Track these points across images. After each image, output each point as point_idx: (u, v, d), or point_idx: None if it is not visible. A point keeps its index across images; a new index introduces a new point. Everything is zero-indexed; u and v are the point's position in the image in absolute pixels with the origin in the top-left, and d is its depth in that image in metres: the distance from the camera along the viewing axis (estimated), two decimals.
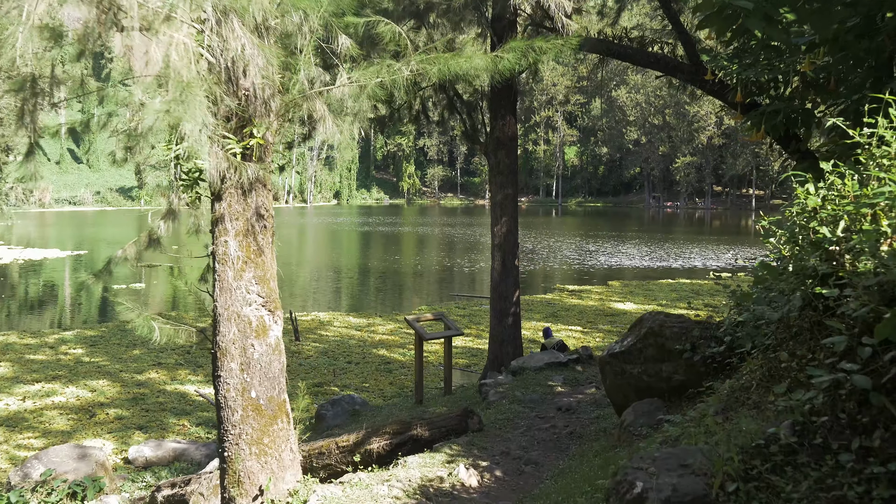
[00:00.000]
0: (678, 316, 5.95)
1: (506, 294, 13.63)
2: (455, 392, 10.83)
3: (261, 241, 4.95)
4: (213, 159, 4.53)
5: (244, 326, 4.84)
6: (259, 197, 4.94)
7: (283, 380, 5.31)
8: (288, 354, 19.56)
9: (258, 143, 4.74)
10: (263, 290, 4.95)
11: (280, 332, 5.14)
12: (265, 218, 5.00)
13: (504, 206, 13.44)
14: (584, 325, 23.00)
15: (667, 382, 5.71)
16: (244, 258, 4.85)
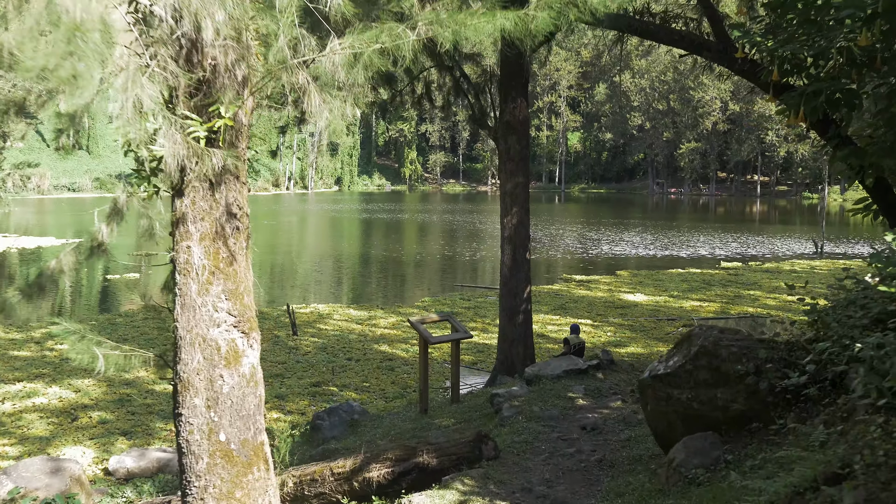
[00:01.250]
0: (734, 331, 5.02)
1: (516, 290, 12.69)
2: (463, 401, 9.92)
3: (232, 247, 3.99)
4: (171, 144, 3.60)
5: (211, 353, 3.90)
6: (230, 192, 3.99)
7: (261, 417, 4.35)
8: (285, 350, 18.75)
9: (226, 124, 3.79)
10: (235, 306, 4.00)
11: (256, 359, 4.18)
12: (238, 217, 4.05)
13: (515, 196, 12.48)
14: (594, 317, 22.09)
15: (722, 412, 4.79)
16: (211, 268, 3.91)
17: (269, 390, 15.11)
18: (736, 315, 22.54)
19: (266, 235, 51.22)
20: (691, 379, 4.90)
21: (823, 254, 39.66)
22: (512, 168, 12.35)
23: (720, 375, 4.81)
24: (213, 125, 3.76)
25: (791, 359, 4.73)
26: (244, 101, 3.91)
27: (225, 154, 3.80)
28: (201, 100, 3.85)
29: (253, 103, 4.10)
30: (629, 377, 9.34)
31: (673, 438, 5.03)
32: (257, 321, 4.18)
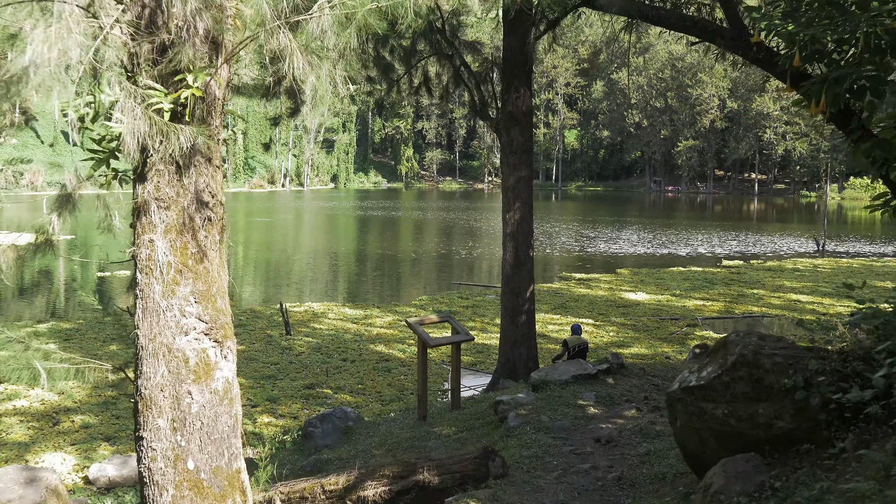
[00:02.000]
0: (777, 338, 4.44)
1: (519, 289, 12.11)
2: (464, 406, 9.34)
3: (203, 241, 3.41)
4: (130, 119, 3.02)
5: (178, 365, 3.32)
6: (201, 176, 3.40)
7: (238, 441, 3.73)
8: (278, 351, 18.15)
9: (193, 94, 3.21)
10: (207, 310, 3.41)
11: (232, 372, 3.58)
12: (210, 206, 3.46)
13: (518, 191, 11.89)
14: (596, 316, 21.52)
15: (765, 430, 4.21)
16: (178, 265, 3.33)
17: (260, 393, 14.52)
18: (741, 314, 22.01)
19: (261, 233, 50.59)
20: (728, 392, 4.32)
21: (825, 252, 39.16)
22: (515, 161, 11.77)
23: (762, 388, 4.24)
24: (179, 96, 3.18)
25: (845, 371, 4.15)
26: (217, 68, 3.34)
27: (194, 131, 3.22)
28: (166, 67, 3.27)
29: (229, 73, 3.52)
30: (641, 382, 8.78)
31: (706, 458, 4.46)
32: (233, 327, 3.58)
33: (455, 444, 7.64)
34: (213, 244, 3.47)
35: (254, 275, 31.92)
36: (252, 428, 12.66)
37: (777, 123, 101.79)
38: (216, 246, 3.49)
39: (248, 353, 17.58)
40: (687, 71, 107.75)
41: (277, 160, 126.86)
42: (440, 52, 12.16)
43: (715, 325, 20.72)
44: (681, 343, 18.26)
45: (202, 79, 3.23)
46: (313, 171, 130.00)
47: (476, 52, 12.54)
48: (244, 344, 18.37)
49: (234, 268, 33.34)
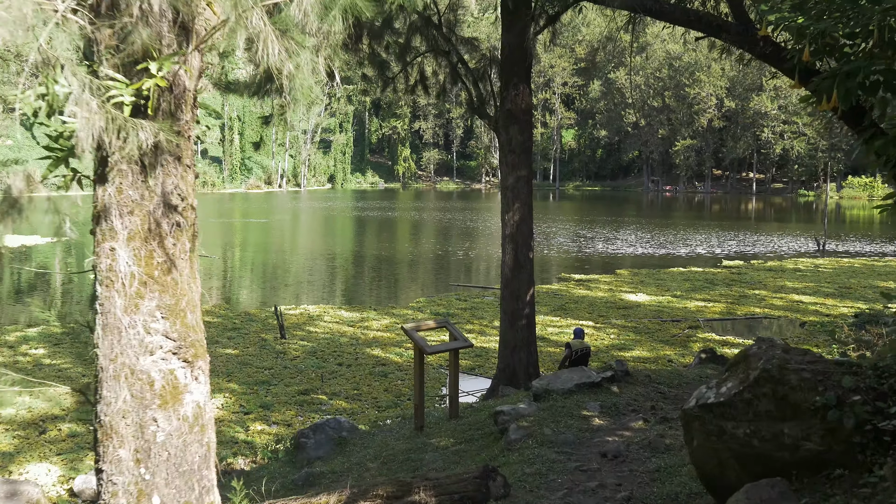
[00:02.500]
0: (802, 352, 4.08)
1: (518, 292, 11.75)
2: (463, 415, 8.98)
3: (171, 249, 3.05)
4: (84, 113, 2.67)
5: (142, 389, 2.95)
6: (169, 177, 3.04)
7: (210, 472, 3.34)
8: (272, 355, 17.79)
9: (157, 84, 2.85)
10: (175, 327, 3.04)
11: (205, 395, 3.20)
12: (179, 211, 3.10)
13: (517, 191, 11.53)
14: (596, 318, 21.19)
15: (791, 452, 3.86)
16: (143, 277, 2.97)
17: (253, 399, 14.16)
18: (743, 316, 21.68)
19: (257, 234, 50.22)
20: (750, 410, 3.97)
21: (826, 252, 38.85)
22: (514, 161, 11.41)
23: (788, 406, 3.88)
24: (141, 87, 2.82)
25: (881, 388, 3.80)
26: (186, 56, 2.99)
27: (157, 126, 2.86)
28: (129, 55, 2.91)
29: (202, 63, 3.16)
30: (647, 390, 8.42)
31: (725, 481, 4.11)
32: (205, 345, 3.21)
33: (453, 457, 7.29)
34: (183, 252, 3.10)
35: (249, 277, 31.55)
36: (244, 436, 12.31)
37: (775, 122, 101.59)
38: (186, 254, 3.12)
39: (242, 357, 17.24)
40: (684, 70, 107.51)
41: (274, 161, 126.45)
42: (437, 49, 11.80)
43: (717, 326, 20.38)
44: (683, 346, 17.93)
45: (168, 67, 2.87)
46: (310, 172, 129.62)
47: (474, 49, 12.19)
48: (238, 348, 18.01)
49: (229, 270, 32.96)
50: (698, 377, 9.69)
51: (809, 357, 4.01)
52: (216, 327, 20.19)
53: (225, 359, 17.04)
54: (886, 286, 26.61)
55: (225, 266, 33.84)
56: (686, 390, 8.91)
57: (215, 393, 14.48)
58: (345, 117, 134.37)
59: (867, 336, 17.18)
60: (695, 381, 9.41)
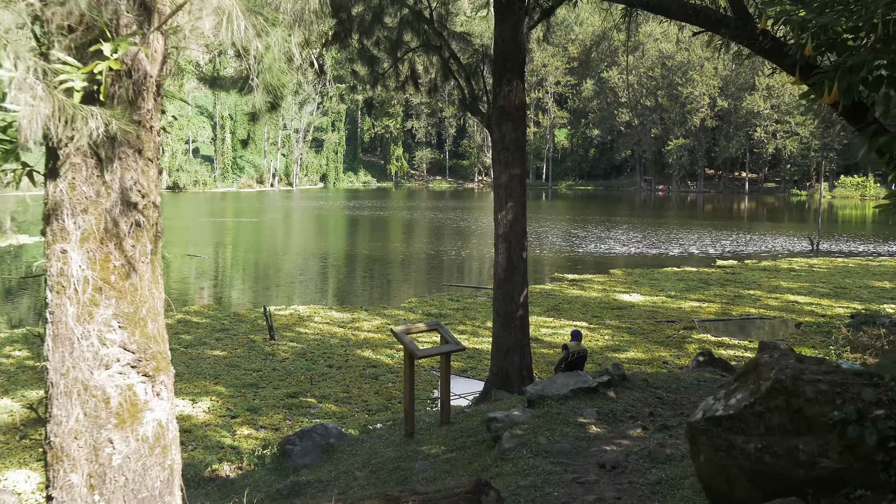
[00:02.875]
0: (817, 360, 3.81)
1: (511, 293, 11.47)
2: (454, 421, 8.69)
3: (130, 251, 2.75)
4: (28, 98, 2.38)
5: (96, 407, 2.65)
6: (128, 172, 2.75)
7: (174, 498, 2.98)
8: (261, 357, 17.48)
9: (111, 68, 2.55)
10: (134, 337, 2.74)
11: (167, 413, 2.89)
12: (139, 209, 2.79)
13: (510, 189, 11.24)
14: (590, 319, 20.93)
15: (806, 470, 3.59)
16: (98, 282, 2.67)
17: (241, 402, 13.85)
18: (738, 317, 21.45)
19: (248, 233, 49.85)
20: (762, 424, 3.69)
21: (819, 251, 38.71)
22: (507, 158, 11.12)
23: (803, 420, 3.61)
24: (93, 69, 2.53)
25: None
26: (146, 38, 2.69)
27: (110, 114, 2.56)
28: (83, 35, 2.62)
29: (165, 47, 2.86)
30: (644, 395, 8.16)
31: (734, 499, 3.83)
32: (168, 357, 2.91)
33: (444, 466, 7.01)
34: (144, 255, 2.80)
35: (239, 277, 31.20)
36: (230, 441, 12.00)
37: (767, 122, 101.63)
38: (147, 257, 2.82)
39: (230, 359, 16.92)
40: (677, 69, 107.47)
41: (266, 160, 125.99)
42: (428, 44, 11.51)
43: (712, 327, 20.15)
44: (678, 347, 17.68)
45: (124, 48, 2.57)
46: (302, 171, 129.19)
47: (466, 44, 11.89)
48: (226, 350, 17.70)
49: (219, 270, 32.60)
50: (696, 381, 9.43)
51: (825, 367, 3.74)
52: (204, 328, 19.87)
53: (212, 361, 16.74)
54: (881, 286, 26.47)
55: (215, 266, 33.48)
56: (684, 395, 8.66)
57: (201, 397, 14.17)
58: (337, 116, 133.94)
59: (864, 337, 17.00)
60: (693, 386, 9.16)
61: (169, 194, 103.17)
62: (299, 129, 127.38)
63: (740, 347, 17.74)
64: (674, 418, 7.30)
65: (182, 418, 13.02)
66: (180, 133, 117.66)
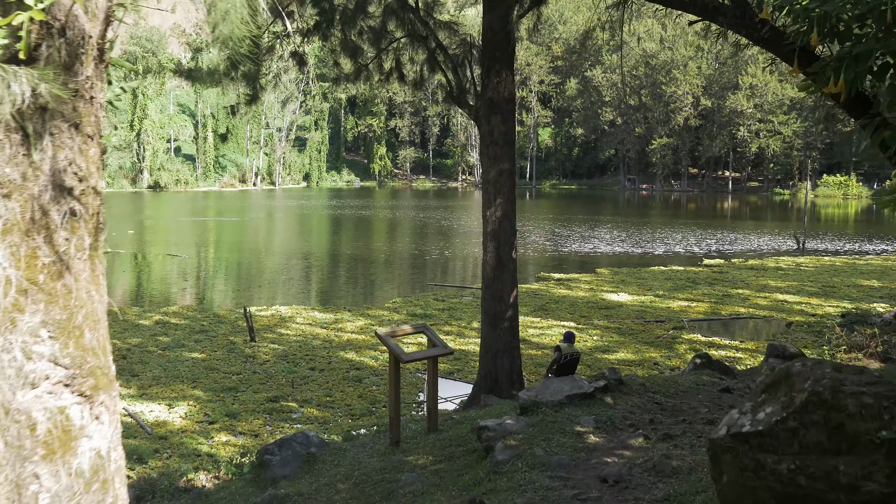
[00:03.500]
0: (857, 370, 3.39)
1: (501, 293, 11.03)
2: (443, 428, 8.24)
3: (63, 246, 2.28)
4: None
5: (19, 435, 2.17)
6: (62, 150, 2.28)
7: None
8: (241, 360, 16.97)
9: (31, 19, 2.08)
10: (68, 350, 2.27)
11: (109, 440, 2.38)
12: (76, 195, 2.33)
13: (499, 185, 10.80)
14: (578, 319, 20.54)
15: (848, 493, 3.17)
16: (22, 283, 2.20)
17: (219, 407, 13.34)
18: (728, 316, 21.13)
19: (229, 233, 49.22)
20: (795, 441, 3.27)
21: (806, 250, 38.57)
22: (496, 153, 10.68)
23: (844, 438, 3.19)
24: (12, 19, 2.06)
25: None
26: None
27: (40, 76, 2.10)
28: None
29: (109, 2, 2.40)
30: (643, 401, 7.74)
31: None
32: (112, 372, 2.44)
33: (432, 478, 6.56)
34: (80, 250, 2.34)
35: (219, 277, 30.60)
36: (207, 448, 11.50)
37: (751, 121, 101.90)
38: (85, 253, 2.35)
39: (209, 361, 16.40)
40: (661, 68, 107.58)
41: (248, 158, 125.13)
42: (413, 34, 11.05)
43: (702, 327, 19.82)
44: (669, 348, 17.32)
45: None
46: (285, 170, 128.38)
47: (453, 34, 11.45)
48: (205, 352, 17.17)
49: (199, 270, 31.99)
50: (695, 385, 9.04)
51: (867, 377, 3.32)
52: (183, 330, 19.33)
53: (191, 363, 16.21)
54: (870, 285, 26.27)
55: (196, 266, 32.87)
56: (684, 400, 8.25)
57: (178, 401, 13.65)
58: (320, 115, 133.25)
59: (858, 337, 16.70)
60: (692, 390, 8.76)
61: (150, 193, 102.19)
62: (282, 128, 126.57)
63: (731, 348, 17.41)
64: (676, 426, 6.89)
65: (157, 424, 12.52)
66: (161, 132, 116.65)
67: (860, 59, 6.86)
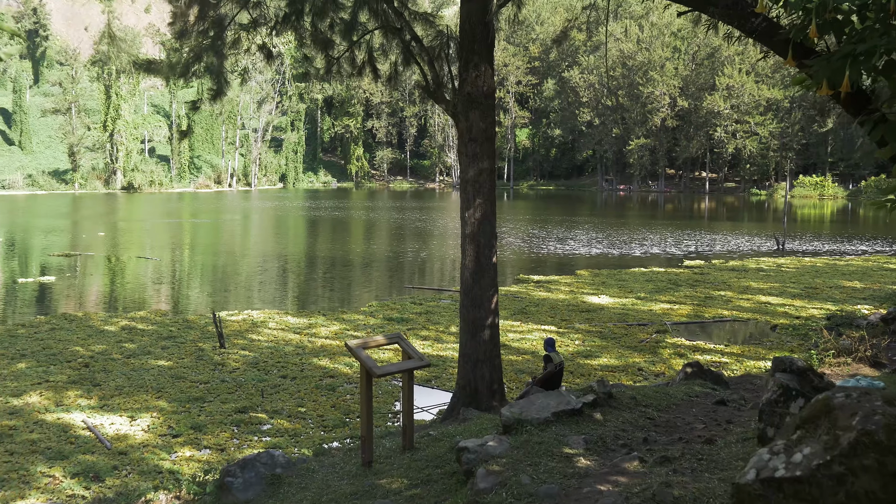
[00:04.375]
0: None
1: (481, 299, 10.43)
2: (419, 446, 7.64)
3: None
4: None
5: None
6: None
7: None
8: (209, 367, 16.25)
9: None
10: None
11: None
12: None
13: (478, 185, 10.19)
14: (559, 322, 20.01)
15: None
16: None
17: (184, 419, 12.64)
18: (711, 319, 20.69)
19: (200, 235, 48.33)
20: (842, 490, 2.72)
21: (785, 251, 38.36)
22: (474, 150, 10.08)
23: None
24: None
25: None
26: None
27: None
28: None
29: None
30: (634, 416, 7.20)
31: None
32: None
33: None
34: None
35: (191, 280, 29.76)
36: (169, 465, 10.81)
37: (727, 122, 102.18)
38: None
39: (176, 369, 15.67)
40: (638, 69, 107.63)
41: (224, 160, 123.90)
42: (387, 25, 10.44)
43: (686, 330, 19.35)
44: (652, 352, 16.82)
45: None
46: (261, 171, 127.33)
47: (429, 25, 10.84)
48: (171, 359, 16.45)
49: (169, 273, 31.14)
50: (687, 396, 8.50)
51: None
52: (150, 336, 18.58)
53: (157, 371, 15.48)
54: (853, 286, 25.96)
55: (168, 269, 32.02)
56: (677, 414, 7.71)
57: (141, 413, 12.95)
58: (296, 115, 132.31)
59: (846, 341, 16.28)
60: (685, 403, 8.22)
61: (124, 195, 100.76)
62: (258, 129, 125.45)
63: (717, 352, 16.94)
64: (673, 446, 6.34)
65: (118, 438, 11.81)
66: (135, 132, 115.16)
67: (867, 55, 6.37)
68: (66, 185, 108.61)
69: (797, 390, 5.57)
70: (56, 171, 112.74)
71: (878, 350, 14.95)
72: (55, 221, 55.20)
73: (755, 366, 15.54)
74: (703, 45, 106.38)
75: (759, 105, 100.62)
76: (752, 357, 16.37)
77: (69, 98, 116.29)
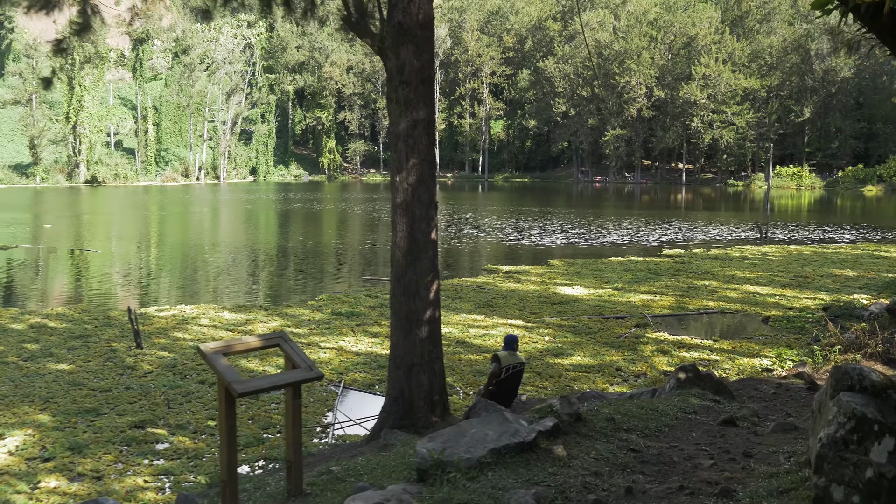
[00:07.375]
0: None
1: (416, 287, 8.14)
2: (310, 492, 5.39)
3: None
4: None
5: None
6: None
7: None
8: (117, 371, 13.79)
9: None
10: None
11: None
12: None
13: (412, 140, 7.92)
14: (527, 316, 17.83)
15: None
16: None
17: (63, 438, 10.27)
18: (696, 311, 18.61)
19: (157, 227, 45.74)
20: None
21: (767, 239, 36.51)
22: (407, 96, 7.82)
23: None
24: None
25: None
26: None
27: None
28: None
29: None
30: (611, 448, 5.04)
31: None
32: None
33: None
34: None
35: (129, 273, 27.20)
36: (24, 500, 8.50)
37: (704, 112, 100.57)
38: None
39: (76, 374, 13.29)
40: (614, 59, 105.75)
41: (192, 152, 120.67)
42: None
43: (668, 323, 17.26)
44: (632, 349, 14.70)
45: None
46: (231, 164, 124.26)
47: None
48: (75, 362, 14.06)
49: (109, 265, 28.60)
50: (682, 413, 6.35)
51: None
52: (60, 335, 16.18)
53: (52, 377, 13.09)
54: (845, 274, 24.06)
55: (108, 262, 29.46)
56: (670, 441, 5.55)
57: (14, 429, 10.60)
58: (267, 107, 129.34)
59: (852, 335, 14.24)
60: (680, 422, 6.08)
61: (87, 188, 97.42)
62: (226, 121, 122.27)
63: (704, 348, 14.86)
64: (670, 500, 4.16)
65: None
66: (99, 124, 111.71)
67: None
68: (27, 178, 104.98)
69: (880, 423, 3.38)
70: (18, 165, 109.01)
71: (890, 344, 12.92)
72: (4, 215, 52.26)
73: (750, 364, 13.47)
74: (680, 35, 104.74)
75: (736, 95, 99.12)
76: (745, 353, 14.29)
77: (29, 89, 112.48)
